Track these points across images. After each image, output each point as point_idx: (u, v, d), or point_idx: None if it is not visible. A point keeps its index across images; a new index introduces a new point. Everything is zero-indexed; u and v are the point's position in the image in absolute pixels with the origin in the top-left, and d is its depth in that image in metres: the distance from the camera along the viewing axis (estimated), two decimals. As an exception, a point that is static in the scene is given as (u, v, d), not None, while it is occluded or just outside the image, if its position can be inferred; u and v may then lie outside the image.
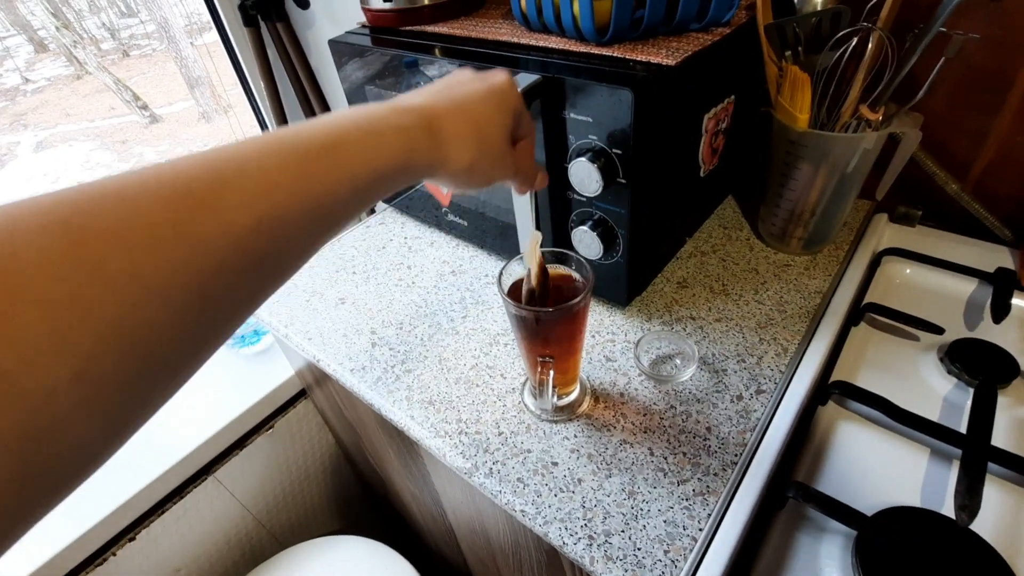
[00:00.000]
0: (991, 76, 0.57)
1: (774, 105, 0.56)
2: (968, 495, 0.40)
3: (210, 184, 0.19)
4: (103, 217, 0.17)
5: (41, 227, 0.16)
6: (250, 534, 0.88)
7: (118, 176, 0.18)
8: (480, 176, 0.32)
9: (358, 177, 0.24)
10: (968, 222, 0.64)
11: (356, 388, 0.57)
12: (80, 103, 4.28)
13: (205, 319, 0.19)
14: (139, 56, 4.47)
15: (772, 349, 0.54)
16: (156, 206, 0.18)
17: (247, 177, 0.20)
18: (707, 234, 0.70)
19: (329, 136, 0.23)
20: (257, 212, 0.20)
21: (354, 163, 0.24)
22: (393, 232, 0.79)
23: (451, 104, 0.30)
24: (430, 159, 0.28)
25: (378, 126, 0.25)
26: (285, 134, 0.22)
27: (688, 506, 0.43)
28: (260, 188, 0.20)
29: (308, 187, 0.22)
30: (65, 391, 0.15)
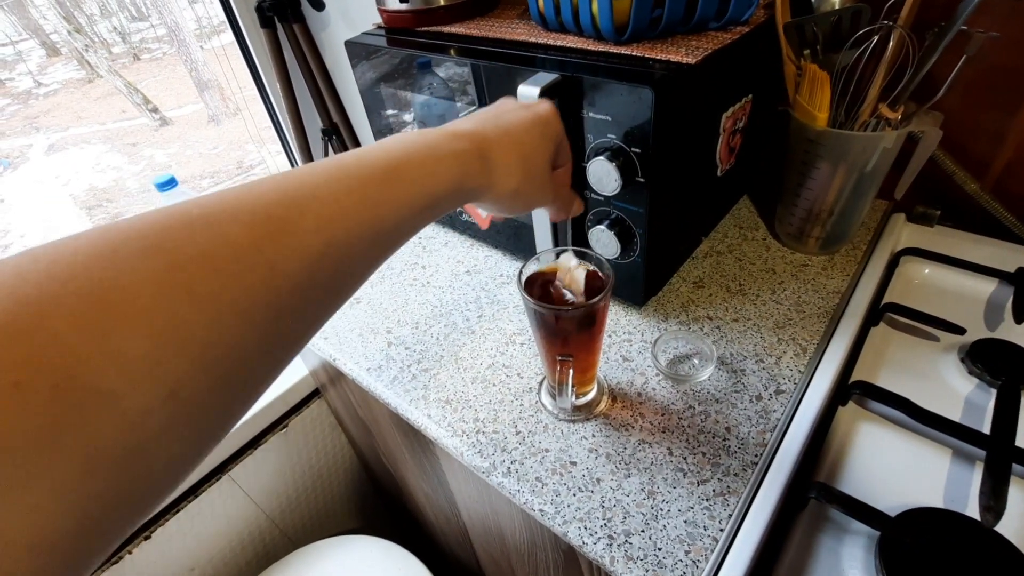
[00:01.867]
0: (1011, 74, 0.56)
1: (792, 104, 0.56)
2: (993, 496, 0.39)
3: (286, 210, 0.20)
4: (194, 243, 0.17)
5: (141, 252, 0.16)
6: (263, 533, 0.89)
7: (201, 200, 0.19)
8: (523, 201, 0.33)
9: (417, 200, 0.25)
10: (988, 222, 0.63)
11: (373, 387, 0.57)
12: (91, 106, 4.33)
13: (280, 337, 0.20)
14: (149, 60, 4.53)
15: (791, 349, 0.54)
16: (240, 232, 0.18)
17: (319, 203, 0.21)
18: (723, 234, 0.69)
19: (390, 162, 0.24)
20: (327, 236, 0.21)
21: (414, 188, 0.25)
22: (407, 232, 0.79)
23: (500, 132, 0.31)
24: (480, 183, 0.29)
25: (435, 152, 0.26)
26: (349, 160, 0.23)
27: (708, 506, 0.43)
28: (330, 213, 0.21)
29: (372, 212, 0.23)
30: (159, 410, 0.16)
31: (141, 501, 0.17)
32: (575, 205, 0.41)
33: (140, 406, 0.15)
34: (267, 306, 0.19)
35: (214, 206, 0.19)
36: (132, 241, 0.17)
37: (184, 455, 0.17)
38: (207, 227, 0.18)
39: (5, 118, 3.95)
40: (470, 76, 0.56)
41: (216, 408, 0.18)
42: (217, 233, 0.18)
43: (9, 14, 4.18)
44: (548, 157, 0.34)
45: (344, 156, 0.24)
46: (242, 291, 0.18)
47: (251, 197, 0.20)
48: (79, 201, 3.19)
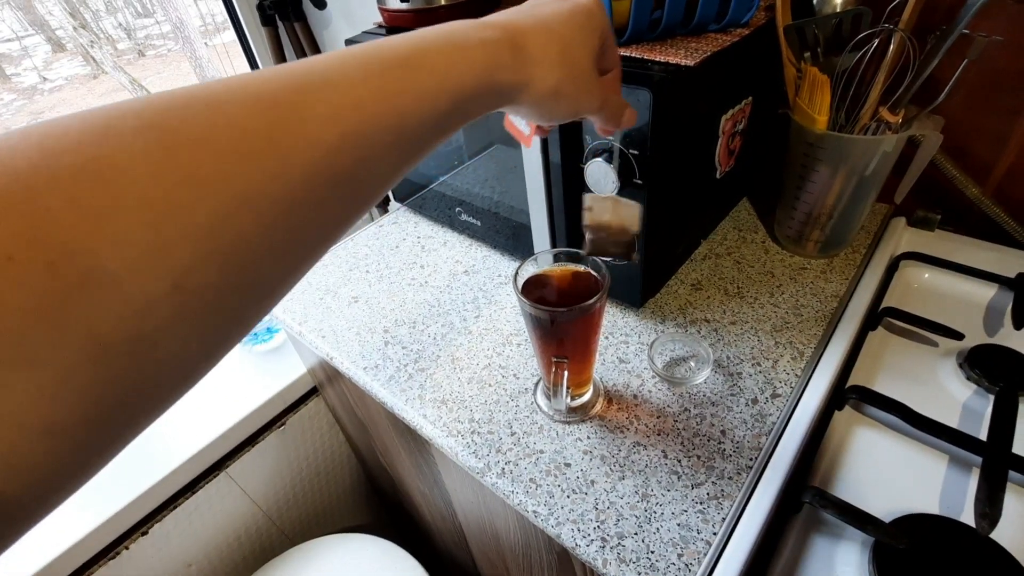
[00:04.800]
0: (1013, 78, 0.56)
1: (792, 107, 0.56)
2: (989, 503, 0.39)
3: (296, 95, 0.18)
4: (194, 123, 0.16)
5: (135, 130, 0.15)
6: (260, 530, 0.89)
7: (204, 84, 0.18)
8: (566, 102, 0.30)
9: (441, 94, 0.23)
10: (989, 227, 0.63)
11: (369, 386, 0.57)
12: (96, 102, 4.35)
13: (293, 236, 0.18)
14: (154, 56, 4.53)
15: (788, 353, 0.54)
16: (245, 114, 0.17)
17: (332, 90, 0.19)
18: (722, 236, 0.69)
19: (411, 48, 0.22)
20: (342, 127, 0.19)
21: (436, 78, 0.22)
22: (406, 231, 0.79)
23: (535, 21, 0.28)
24: (515, 79, 0.26)
25: (460, 38, 0.24)
26: (367, 47, 0.21)
27: (702, 510, 0.43)
28: (345, 101, 0.19)
29: (391, 103, 0.21)
30: (165, 300, 0.15)
31: (153, 395, 0.16)
32: (627, 114, 0.35)
33: (144, 293, 0.15)
34: (276, 199, 0.17)
35: (219, 88, 0.17)
36: (128, 118, 0.16)
37: (194, 353, 0.17)
38: (209, 108, 0.17)
39: (11, 113, 3.97)
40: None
41: (226, 306, 0.17)
42: (221, 115, 0.17)
43: (15, 10, 4.21)
44: (593, 52, 0.30)
45: (357, 46, 0.21)
46: (248, 179, 0.17)
47: (257, 82, 0.18)
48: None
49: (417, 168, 0.74)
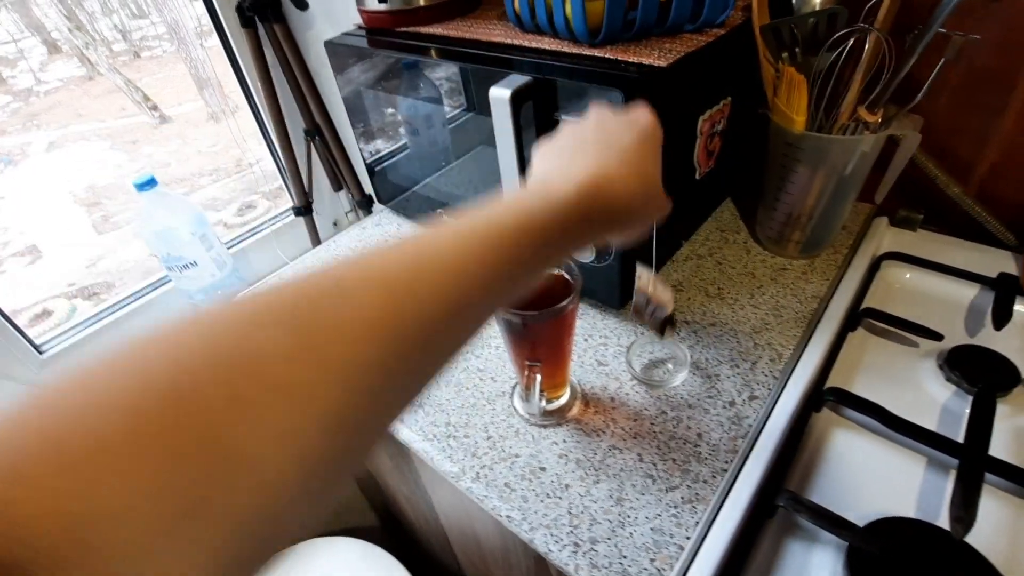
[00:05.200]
0: (994, 77, 0.56)
1: (771, 107, 0.56)
2: (964, 507, 0.39)
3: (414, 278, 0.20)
4: (327, 314, 0.18)
5: (276, 322, 0.17)
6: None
7: (334, 269, 0.20)
8: (644, 224, 0.32)
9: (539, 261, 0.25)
10: (971, 226, 0.62)
11: (346, 390, 0.57)
12: (91, 104, 4.34)
13: (397, 398, 0.21)
14: (150, 58, 4.52)
15: (767, 354, 0.53)
16: (370, 303, 0.19)
17: (444, 272, 0.21)
18: (704, 237, 0.69)
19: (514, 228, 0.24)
20: (448, 302, 0.21)
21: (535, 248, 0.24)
22: (389, 233, 0.79)
23: (619, 163, 0.29)
24: (606, 231, 0.29)
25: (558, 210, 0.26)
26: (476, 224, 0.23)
27: (676, 513, 0.42)
28: (454, 280, 0.21)
29: (497, 275, 0.23)
30: (294, 478, 0.16)
31: (266, 559, 0.17)
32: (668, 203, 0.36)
33: (278, 473, 0.16)
34: (392, 373, 0.19)
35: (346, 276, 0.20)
36: (274, 311, 0.18)
37: (310, 516, 0.18)
38: (339, 298, 0.19)
39: (6, 115, 3.96)
40: (456, 77, 0.55)
41: (343, 469, 0.19)
42: (349, 305, 0.19)
43: (12, 12, 4.19)
44: (660, 168, 0.32)
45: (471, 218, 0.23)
46: (369, 358, 0.18)
47: (379, 266, 0.20)
48: (79, 199, 3.19)
49: (403, 169, 0.74)
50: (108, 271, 2.18)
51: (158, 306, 0.88)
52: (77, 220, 2.86)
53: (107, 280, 2.12)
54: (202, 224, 0.79)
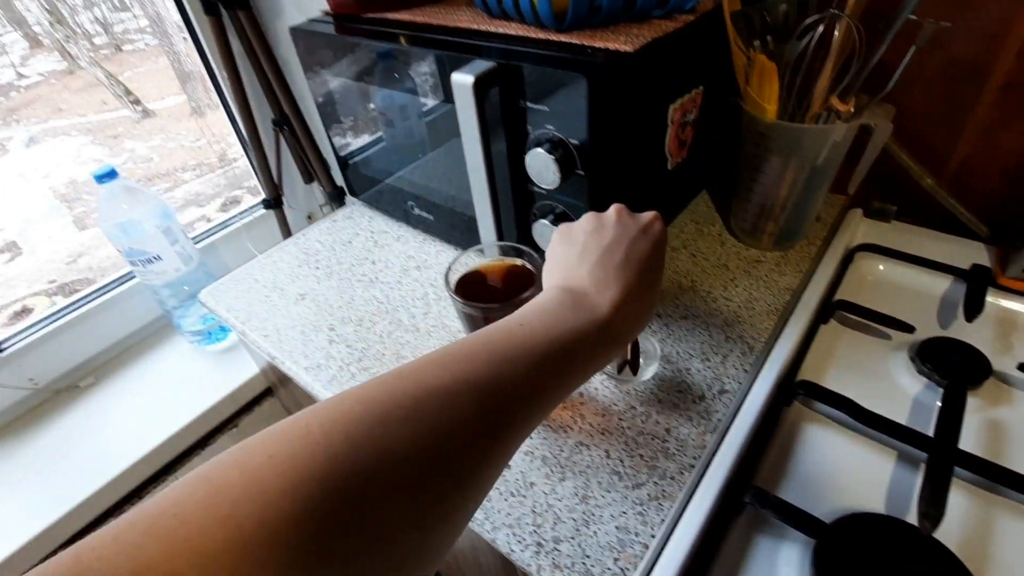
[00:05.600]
0: (967, 66, 0.55)
1: (743, 96, 0.55)
2: (932, 502, 0.38)
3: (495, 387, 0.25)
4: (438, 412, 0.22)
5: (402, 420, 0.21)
6: (216, 536, 0.86)
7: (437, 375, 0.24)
8: (648, 320, 0.35)
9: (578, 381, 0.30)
10: (944, 218, 0.62)
11: (310, 387, 0.55)
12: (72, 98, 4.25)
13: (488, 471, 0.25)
14: (132, 51, 4.42)
15: (738, 348, 0.52)
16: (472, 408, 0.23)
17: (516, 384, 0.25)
18: (679, 228, 0.68)
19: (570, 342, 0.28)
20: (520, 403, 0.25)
21: (581, 361, 0.29)
22: (360, 226, 0.77)
23: (639, 284, 0.33)
24: (628, 337, 0.33)
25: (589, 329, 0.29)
26: (536, 334, 0.27)
27: (642, 511, 0.41)
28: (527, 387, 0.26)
29: (553, 378, 0.27)
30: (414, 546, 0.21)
31: None
32: None
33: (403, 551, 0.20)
34: (494, 465, 0.24)
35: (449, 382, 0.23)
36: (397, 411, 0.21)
37: None
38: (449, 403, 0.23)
39: (-13, 111, 3.84)
40: (430, 66, 0.54)
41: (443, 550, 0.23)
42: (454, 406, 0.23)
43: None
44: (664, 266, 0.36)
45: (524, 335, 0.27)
46: (476, 460, 0.23)
47: (473, 371, 0.24)
48: (59, 194, 3.12)
49: (376, 162, 0.72)
50: (90, 267, 2.13)
51: (123, 302, 0.86)
52: (58, 216, 2.79)
53: (88, 277, 2.06)
54: (166, 217, 0.76)
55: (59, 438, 0.75)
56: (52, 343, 0.80)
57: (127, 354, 0.88)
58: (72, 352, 0.82)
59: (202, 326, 0.84)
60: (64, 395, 0.81)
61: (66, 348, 0.81)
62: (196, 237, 0.94)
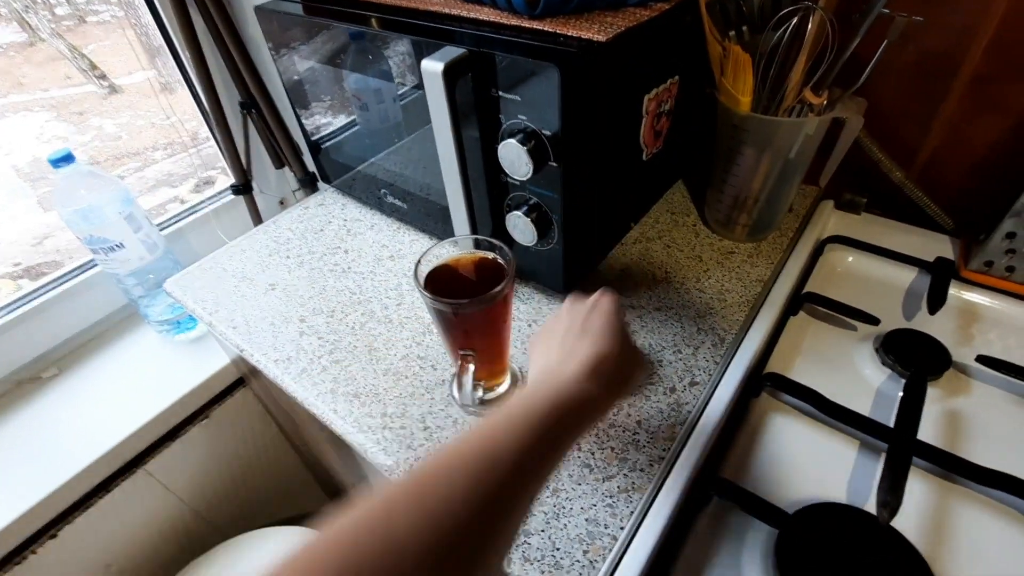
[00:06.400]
0: (939, 60, 0.55)
1: (718, 87, 0.54)
2: (891, 491, 0.39)
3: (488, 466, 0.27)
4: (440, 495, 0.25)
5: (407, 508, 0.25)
6: (188, 527, 0.85)
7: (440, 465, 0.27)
8: (635, 381, 0.39)
9: (570, 431, 0.32)
10: (912, 210, 0.63)
11: (280, 379, 0.54)
12: (33, 72, 4.05)
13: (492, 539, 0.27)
14: (97, 23, 4.23)
15: (709, 340, 0.53)
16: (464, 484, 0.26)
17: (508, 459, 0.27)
18: (654, 219, 0.68)
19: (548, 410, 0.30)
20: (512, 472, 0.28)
21: (564, 425, 0.31)
22: (333, 214, 0.75)
23: (601, 342, 0.35)
24: (612, 392, 0.35)
25: (583, 407, 0.32)
26: (514, 413, 0.30)
27: (612, 503, 0.41)
28: (515, 458, 0.28)
29: (541, 446, 0.29)
30: None
31: None
32: None
33: None
34: (484, 524, 0.26)
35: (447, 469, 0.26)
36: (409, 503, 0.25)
37: None
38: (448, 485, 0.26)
39: (-59, 86, 3.66)
40: (402, 49, 0.52)
41: None
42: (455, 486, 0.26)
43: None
44: (628, 335, 0.39)
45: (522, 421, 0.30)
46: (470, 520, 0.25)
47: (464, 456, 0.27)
48: (22, 173, 2.99)
49: (348, 148, 0.70)
50: (57, 250, 2.05)
51: (87, 291, 0.83)
52: (21, 196, 2.68)
53: (56, 259, 1.99)
54: (128, 203, 0.74)
55: (21, 431, 0.73)
56: (12, 333, 0.77)
57: (92, 344, 0.85)
58: (33, 342, 0.80)
59: (170, 315, 0.82)
60: (26, 387, 0.79)
61: (27, 338, 0.79)
62: (162, 223, 0.91)
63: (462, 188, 0.51)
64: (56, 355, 0.83)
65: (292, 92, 0.69)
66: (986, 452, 0.43)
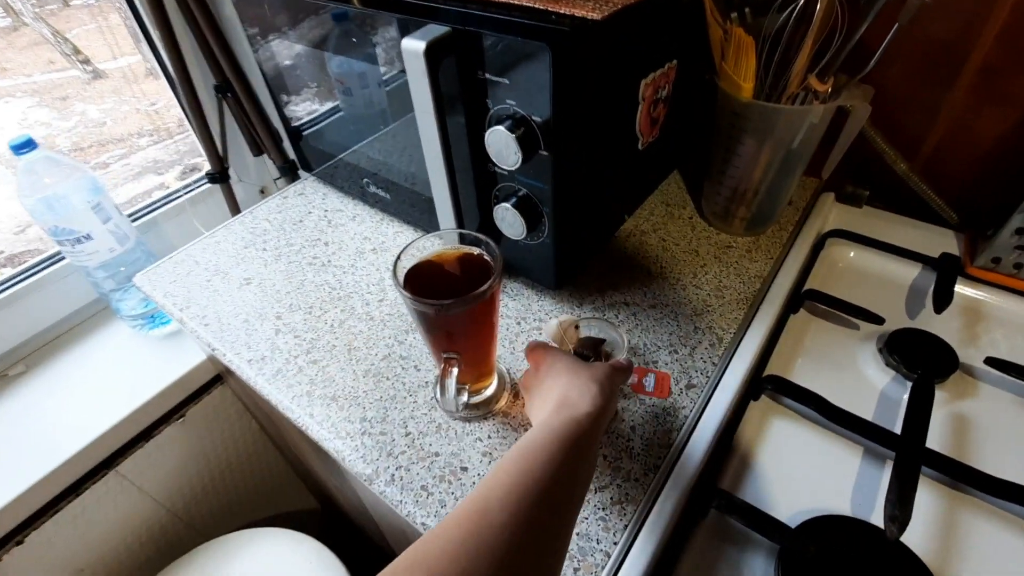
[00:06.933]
0: (946, 47, 0.53)
1: (718, 72, 0.51)
2: (899, 504, 0.37)
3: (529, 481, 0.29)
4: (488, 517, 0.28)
5: None
6: (165, 528, 0.82)
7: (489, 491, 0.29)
8: (614, 397, 0.38)
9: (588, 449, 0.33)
10: (916, 203, 0.61)
11: (253, 380, 0.51)
12: (16, 56, 3.93)
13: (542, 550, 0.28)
14: (81, 6, 4.11)
15: (707, 339, 0.50)
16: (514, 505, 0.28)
17: (543, 478, 0.29)
18: (649, 211, 0.65)
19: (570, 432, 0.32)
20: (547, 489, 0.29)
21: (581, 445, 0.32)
22: (313, 204, 0.72)
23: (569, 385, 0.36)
24: (603, 414, 0.35)
25: (580, 439, 0.32)
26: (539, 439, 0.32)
27: (604, 516, 0.39)
28: (551, 474, 0.30)
29: (570, 461, 0.31)
30: None
31: None
32: None
33: None
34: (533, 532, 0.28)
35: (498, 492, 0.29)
36: None
37: None
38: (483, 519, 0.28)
39: (-77, 72, 3.55)
40: (384, 28, 0.49)
41: None
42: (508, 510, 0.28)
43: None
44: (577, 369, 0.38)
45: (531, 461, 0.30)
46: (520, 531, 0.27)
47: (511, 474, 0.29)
48: (3, 160, 2.91)
49: (329, 136, 0.66)
50: (40, 238, 2.00)
51: (55, 284, 0.79)
52: (2, 183, 2.60)
53: (39, 247, 1.94)
54: (97, 192, 0.70)
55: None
56: (-28, 328, 0.73)
57: (61, 340, 0.81)
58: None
59: (144, 309, 0.78)
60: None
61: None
62: (134, 213, 0.87)
63: (447, 178, 0.48)
64: (24, 351, 0.79)
65: (269, 75, 0.65)
66: (995, 459, 0.41)
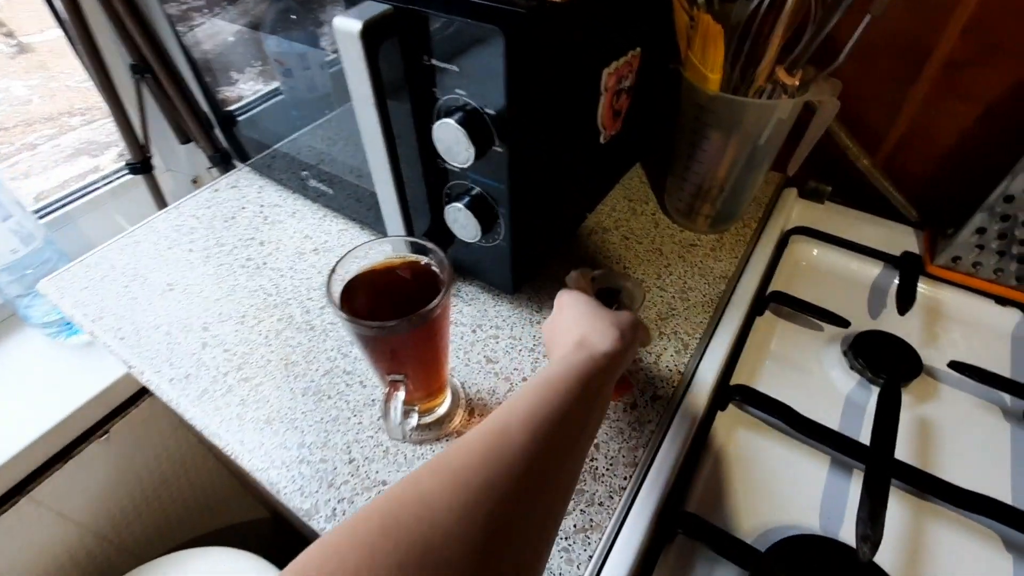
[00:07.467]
0: (911, 41, 0.51)
1: (684, 62, 0.48)
2: (870, 522, 0.35)
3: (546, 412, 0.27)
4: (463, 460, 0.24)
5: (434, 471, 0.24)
6: (93, 554, 0.75)
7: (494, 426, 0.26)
8: (632, 346, 0.36)
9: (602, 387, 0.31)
10: (877, 200, 0.60)
11: (175, 402, 0.46)
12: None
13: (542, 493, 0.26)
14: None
15: (672, 345, 0.48)
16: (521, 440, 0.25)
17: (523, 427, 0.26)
18: (610, 207, 0.62)
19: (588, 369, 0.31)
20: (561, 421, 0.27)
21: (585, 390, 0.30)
22: (248, 198, 0.65)
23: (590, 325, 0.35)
24: (620, 358, 0.34)
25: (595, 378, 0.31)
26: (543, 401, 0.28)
27: (567, 547, 0.36)
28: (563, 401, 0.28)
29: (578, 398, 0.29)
30: None
31: None
32: None
33: None
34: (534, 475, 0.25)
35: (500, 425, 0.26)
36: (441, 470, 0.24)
37: None
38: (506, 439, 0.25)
39: None
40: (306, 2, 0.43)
41: None
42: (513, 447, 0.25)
43: None
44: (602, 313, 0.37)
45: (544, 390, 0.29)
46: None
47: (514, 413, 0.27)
48: None
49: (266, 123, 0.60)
50: None
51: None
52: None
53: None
54: (-7, 186, 0.61)
55: None
56: None
57: (-38, 349, 0.73)
58: None
59: (57, 315, 0.70)
60: None
61: None
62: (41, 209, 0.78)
63: (391, 176, 0.43)
64: (-85, 364, 0.70)
65: (193, 54, 0.58)
66: (960, 464, 0.41)
